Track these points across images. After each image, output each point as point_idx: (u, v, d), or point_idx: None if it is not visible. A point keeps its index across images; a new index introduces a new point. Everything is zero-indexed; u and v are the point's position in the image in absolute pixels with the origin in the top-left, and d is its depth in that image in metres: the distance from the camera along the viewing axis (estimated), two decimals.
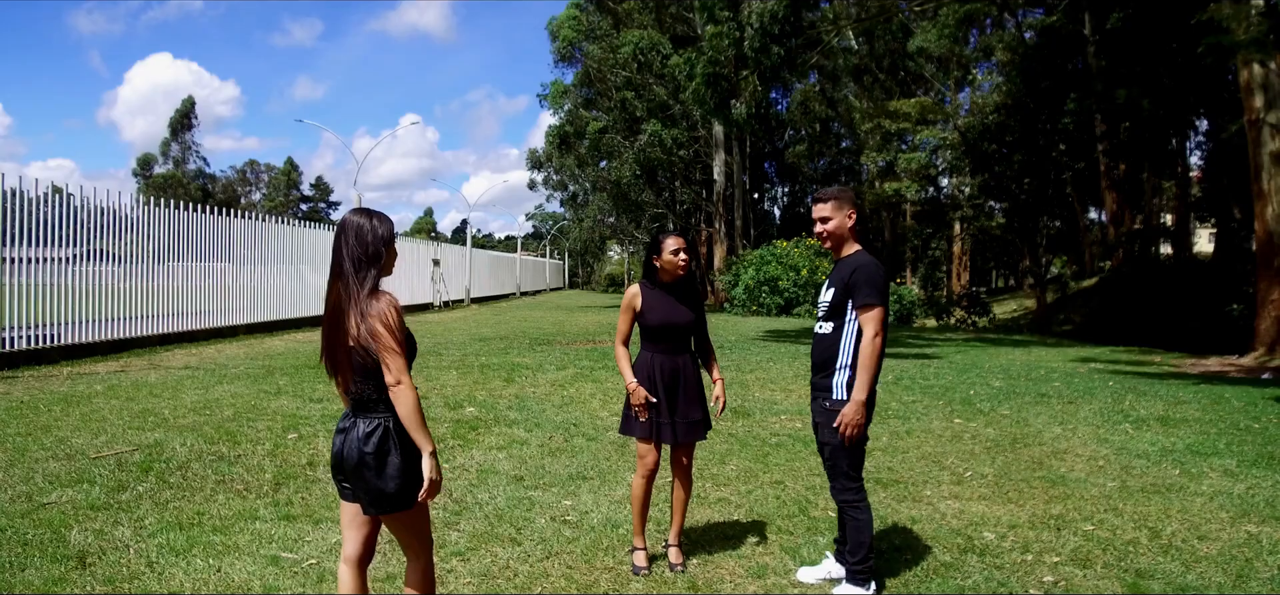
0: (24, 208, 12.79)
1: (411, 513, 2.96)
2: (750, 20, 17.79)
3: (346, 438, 2.91)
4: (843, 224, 3.95)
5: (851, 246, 3.98)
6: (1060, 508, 5.39)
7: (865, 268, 3.84)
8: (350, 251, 2.89)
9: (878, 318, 3.78)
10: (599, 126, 39.94)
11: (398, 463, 2.87)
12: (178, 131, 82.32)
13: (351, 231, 2.92)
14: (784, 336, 19.07)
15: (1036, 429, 7.98)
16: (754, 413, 8.88)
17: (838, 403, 3.83)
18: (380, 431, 2.87)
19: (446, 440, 7.42)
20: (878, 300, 3.78)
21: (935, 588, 4.06)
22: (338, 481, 3.03)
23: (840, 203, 3.97)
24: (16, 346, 12.57)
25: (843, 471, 3.90)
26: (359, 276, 2.87)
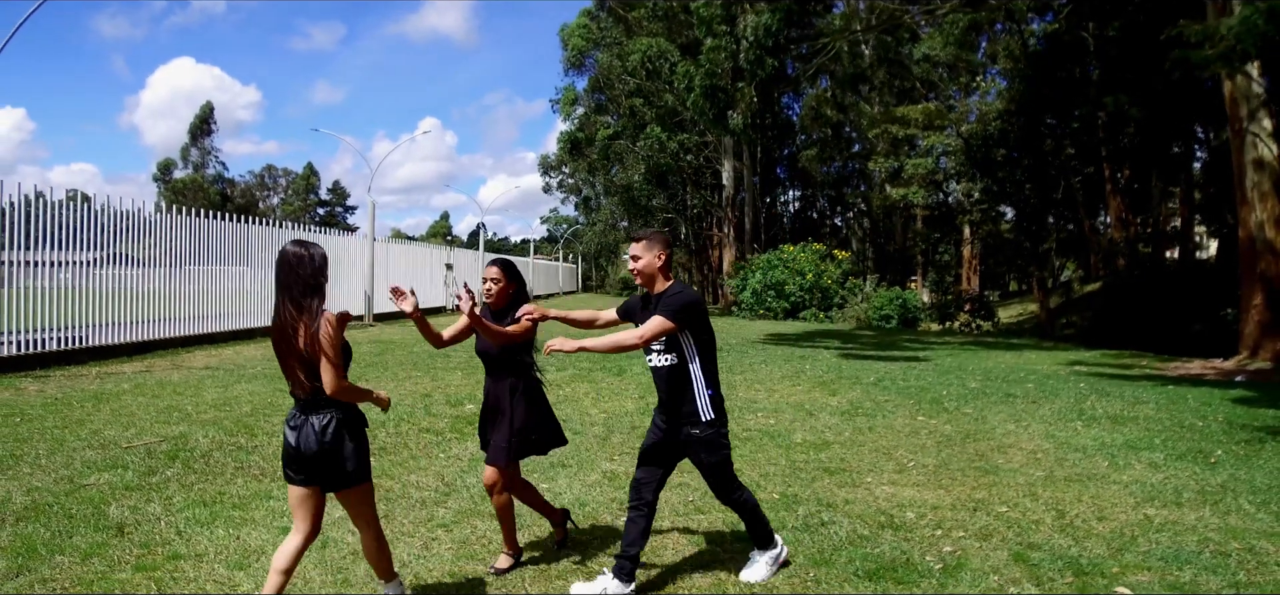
0: (47, 213, 13.63)
1: (364, 487, 3.65)
2: (745, 34, 18.44)
3: (301, 432, 3.50)
4: (652, 263, 4.23)
5: (663, 283, 4.24)
6: (984, 493, 6.02)
7: (676, 293, 4.16)
8: (294, 282, 3.47)
9: (656, 326, 4.04)
10: (609, 132, 40.70)
11: (351, 446, 3.55)
12: (197, 136, 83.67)
13: (293, 265, 3.49)
14: (785, 340, 19.68)
15: (991, 426, 8.59)
16: (733, 411, 9.48)
17: (708, 423, 4.18)
18: (333, 423, 3.51)
19: (444, 434, 8.13)
20: (669, 315, 4.05)
21: (844, 557, 4.71)
22: (289, 472, 3.59)
23: (651, 243, 4.26)
24: (48, 347, 13.40)
25: (726, 486, 4.33)
26: (306, 302, 3.46)
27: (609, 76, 38.99)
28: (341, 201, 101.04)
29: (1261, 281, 16.20)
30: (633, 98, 37.52)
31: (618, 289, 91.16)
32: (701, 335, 4.20)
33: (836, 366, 13.68)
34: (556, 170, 61.04)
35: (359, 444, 3.61)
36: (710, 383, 4.20)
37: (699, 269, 60.47)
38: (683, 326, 4.10)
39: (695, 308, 4.14)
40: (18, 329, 13.14)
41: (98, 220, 14.67)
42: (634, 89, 37.41)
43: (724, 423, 4.29)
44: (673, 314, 4.05)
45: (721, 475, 4.31)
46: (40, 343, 13.37)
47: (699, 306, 4.17)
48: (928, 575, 4.44)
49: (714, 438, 4.23)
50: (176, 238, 16.79)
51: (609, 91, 40.94)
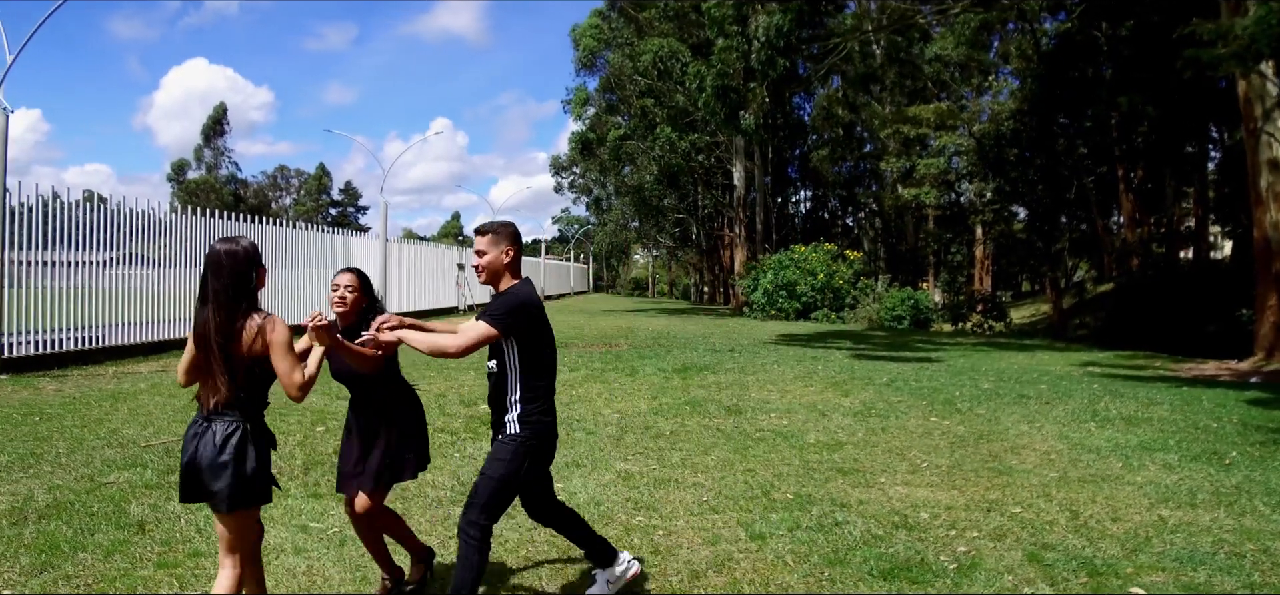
0: (62, 213, 13.76)
1: (253, 513, 3.31)
2: (757, 34, 18.47)
3: (201, 441, 3.19)
4: (499, 259, 3.83)
5: (508, 281, 3.85)
6: (998, 494, 6.03)
7: (507, 296, 3.76)
8: (229, 280, 3.23)
9: (477, 333, 3.62)
10: (620, 133, 40.77)
11: (254, 462, 3.23)
12: (211, 137, 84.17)
13: (227, 263, 3.25)
14: (796, 340, 19.69)
15: (1005, 427, 8.59)
16: (746, 411, 9.55)
17: (510, 438, 3.75)
18: (238, 432, 3.20)
19: (459, 434, 8.19)
20: (490, 319, 3.65)
21: (858, 556, 4.73)
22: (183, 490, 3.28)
23: (497, 237, 3.85)
24: (65, 347, 13.53)
25: (480, 503, 3.69)
26: (240, 302, 3.23)
27: (620, 77, 39.06)
28: (353, 202, 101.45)
29: (1277, 282, 16.11)
30: (644, 98, 37.58)
31: (629, 289, 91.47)
32: (528, 345, 3.75)
33: (849, 367, 13.69)
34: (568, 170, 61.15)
35: (261, 462, 3.28)
36: (528, 397, 3.76)
37: (710, 269, 60.53)
38: (507, 333, 3.67)
39: (522, 313, 3.71)
40: (35, 329, 13.27)
41: (112, 221, 14.78)
42: (645, 89, 37.46)
43: (533, 445, 3.78)
44: (495, 319, 3.65)
45: (491, 492, 3.70)
46: (57, 342, 13.50)
47: (528, 312, 3.74)
48: (942, 575, 4.46)
49: (510, 451, 3.73)
50: (190, 238, 16.89)
51: (620, 92, 41.01)
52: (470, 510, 3.69)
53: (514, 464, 3.73)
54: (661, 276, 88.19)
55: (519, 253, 3.93)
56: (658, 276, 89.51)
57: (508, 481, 3.73)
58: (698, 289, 71.01)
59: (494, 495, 3.71)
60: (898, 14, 27.96)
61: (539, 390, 3.82)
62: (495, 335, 3.64)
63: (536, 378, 3.81)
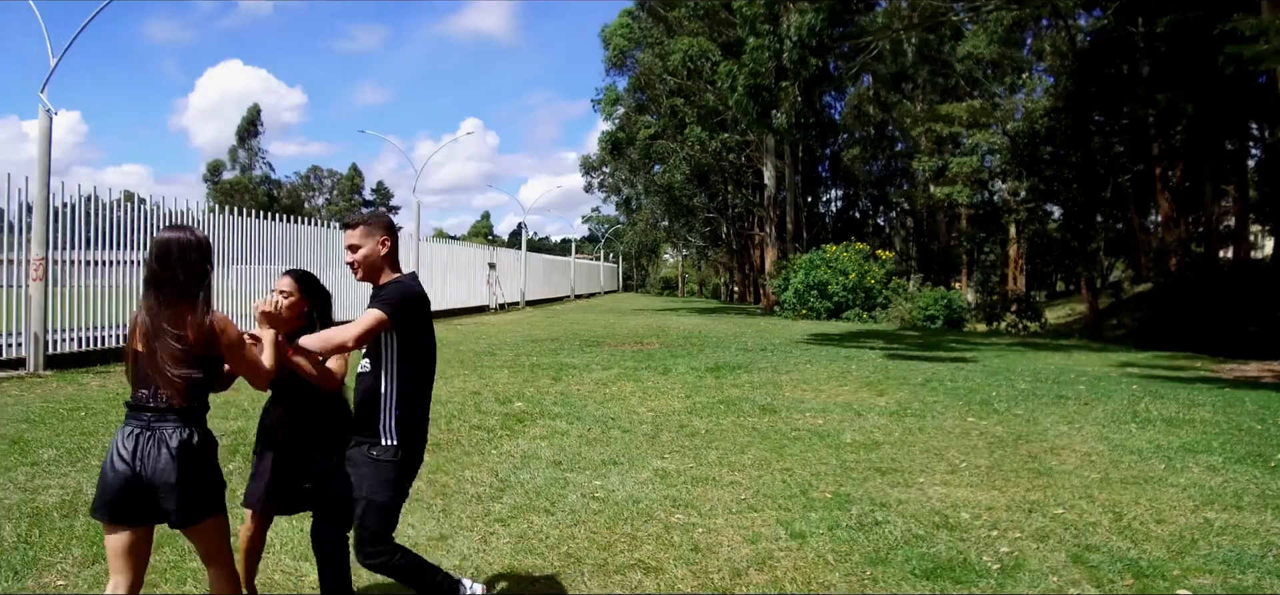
0: (101, 213, 14.01)
1: (220, 518, 3.09)
2: (789, 33, 18.41)
3: (142, 452, 2.91)
4: (375, 251, 3.52)
5: (388, 274, 3.56)
6: (1038, 495, 5.98)
7: (391, 285, 3.49)
8: (180, 272, 2.98)
9: (371, 320, 3.30)
10: (650, 132, 40.80)
11: (213, 467, 3.04)
12: (245, 138, 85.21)
13: (179, 251, 3.00)
14: (828, 340, 19.61)
15: (1043, 428, 8.51)
16: (781, 410, 9.53)
17: (386, 450, 3.41)
18: (195, 438, 2.97)
19: (495, 431, 8.24)
20: (382, 306, 3.34)
21: (900, 556, 4.71)
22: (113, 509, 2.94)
23: (370, 229, 3.55)
24: (107, 344, 13.77)
25: (369, 534, 3.42)
26: (199, 292, 3.00)
27: (650, 76, 39.10)
28: (385, 201, 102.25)
29: None
30: (674, 97, 37.59)
31: (658, 288, 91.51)
32: (410, 345, 3.46)
33: (883, 367, 13.62)
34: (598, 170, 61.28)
35: (216, 466, 3.12)
36: (403, 403, 3.43)
37: (740, 268, 60.37)
38: (397, 321, 3.37)
39: (414, 304, 3.46)
40: (78, 326, 13.53)
41: (149, 220, 15.01)
42: (675, 88, 37.47)
43: (408, 461, 3.49)
44: (386, 304, 3.33)
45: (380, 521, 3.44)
46: (99, 339, 13.74)
47: (418, 304, 3.49)
48: (985, 575, 4.44)
49: (390, 470, 3.42)
50: (225, 237, 17.07)
51: (650, 91, 41.04)
52: (367, 547, 3.42)
53: (395, 484, 3.45)
54: (691, 276, 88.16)
55: (396, 244, 3.64)
56: (687, 276, 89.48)
57: (393, 503, 3.47)
58: (728, 288, 70.89)
59: (382, 522, 3.44)
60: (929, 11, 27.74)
61: (415, 396, 3.50)
62: (387, 321, 3.32)
63: (414, 382, 3.50)
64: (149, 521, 2.98)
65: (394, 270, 3.58)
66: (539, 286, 44.59)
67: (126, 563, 3.01)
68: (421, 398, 3.55)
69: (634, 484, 6.22)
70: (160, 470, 2.87)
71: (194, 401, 3.01)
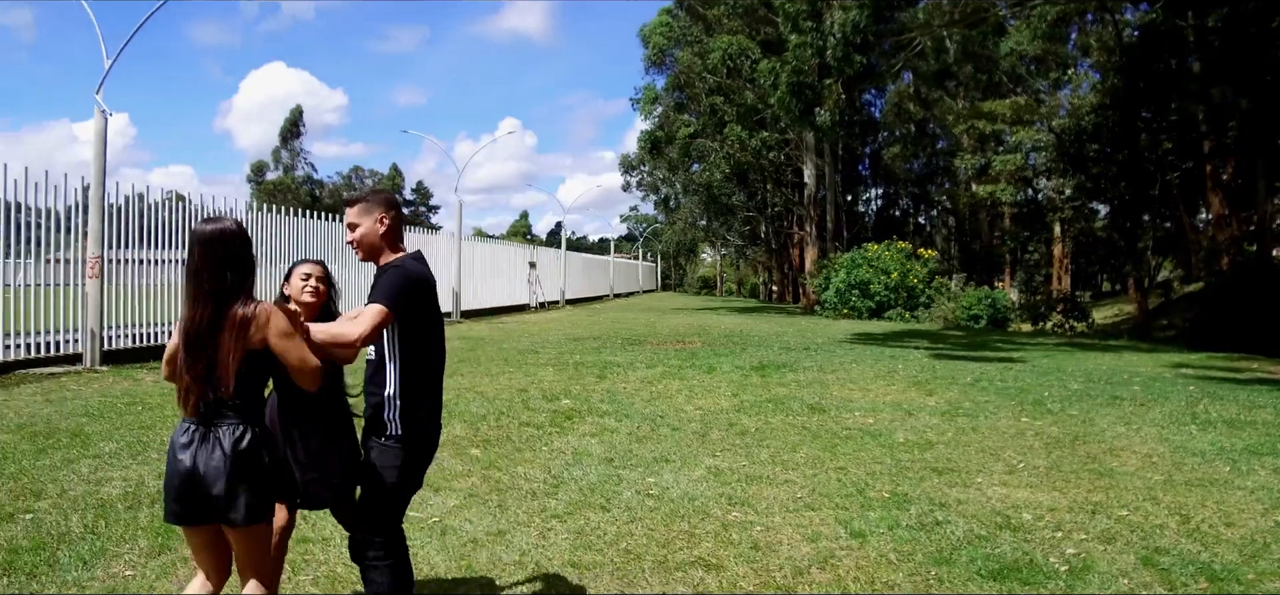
0: (149, 213, 14.28)
1: (265, 526, 2.97)
2: (833, 30, 18.26)
3: (199, 452, 2.83)
4: (373, 230, 3.34)
5: (388, 254, 3.37)
6: (1100, 496, 5.86)
7: (394, 269, 3.27)
8: (226, 265, 2.86)
9: (374, 316, 3.07)
10: (689, 131, 40.73)
11: (271, 467, 2.92)
12: (288, 139, 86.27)
13: (220, 244, 2.87)
14: (872, 339, 19.44)
15: (1100, 428, 8.35)
16: (830, 409, 9.45)
17: (390, 439, 3.25)
18: (250, 437, 2.86)
19: (544, 428, 8.26)
20: (383, 299, 3.14)
21: (965, 556, 4.64)
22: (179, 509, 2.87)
23: (368, 206, 3.36)
24: (159, 340, 14.01)
25: (366, 522, 3.31)
26: (246, 286, 2.90)
27: (690, 75, 39.02)
28: (425, 201, 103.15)
29: None
30: (713, 96, 37.47)
31: (696, 288, 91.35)
32: (410, 329, 3.26)
33: (929, 367, 13.46)
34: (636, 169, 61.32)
35: (275, 467, 2.97)
36: (408, 392, 3.25)
37: (778, 267, 60.08)
38: (401, 312, 3.19)
39: (414, 290, 3.24)
40: (131, 322, 13.80)
41: (196, 220, 15.23)
42: (714, 86, 37.35)
43: (413, 452, 3.30)
44: (386, 297, 3.14)
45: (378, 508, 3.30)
46: (151, 335, 14.00)
47: (418, 290, 3.27)
48: (1053, 577, 4.35)
49: (393, 456, 3.26)
50: (268, 236, 17.27)
51: (689, 90, 40.97)
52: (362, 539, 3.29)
53: (400, 470, 3.27)
54: (729, 275, 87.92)
55: (397, 221, 3.41)
56: (725, 275, 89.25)
57: (397, 489, 3.30)
58: (766, 288, 70.58)
59: (386, 509, 3.30)
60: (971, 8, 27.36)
61: (421, 384, 3.30)
62: (389, 316, 3.11)
63: (419, 370, 3.29)
64: (209, 521, 2.89)
65: (394, 250, 3.39)
66: (579, 285, 44.70)
67: (206, 559, 2.99)
68: (428, 385, 3.34)
69: (688, 481, 6.19)
70: (212, 470, 2.80)
71: (247, 399, 2.90)
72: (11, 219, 12.24)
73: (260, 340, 2.86)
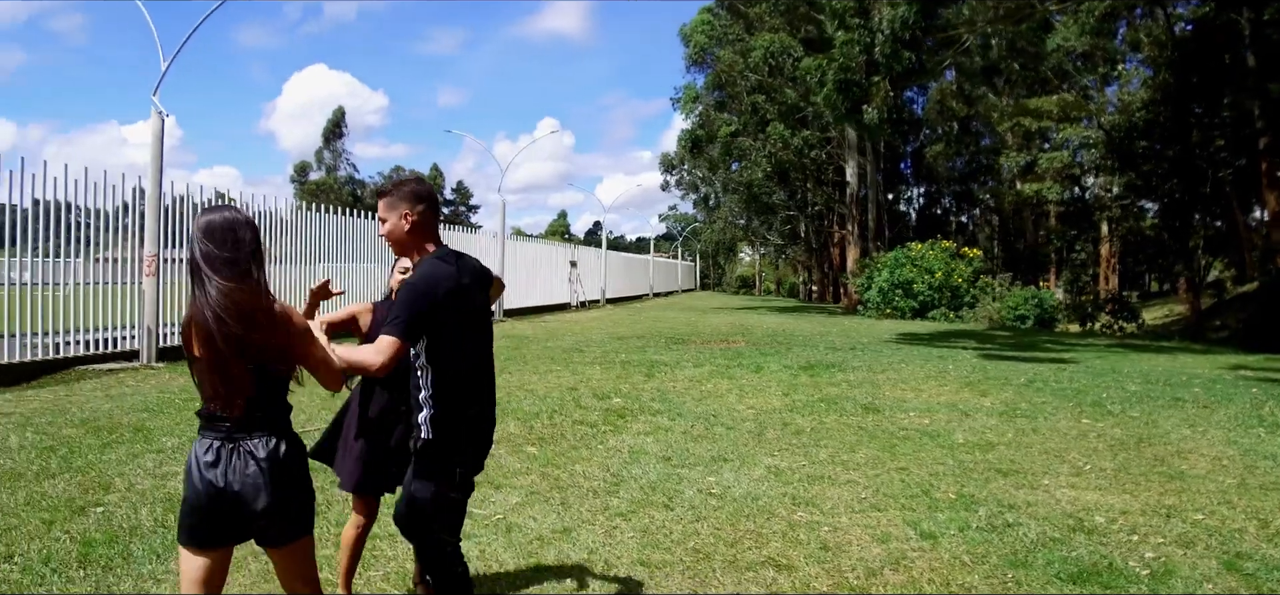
0: (193, 213, 14.49)
1: (309, 539, 2.76)
2: (881, 26, 18.07)
3: (229, 466, 2.57)
4: (399, 227, 3.16)
5: (417, 253, 3.20)
6: (1174, 499, 5.73)
7: (405, 287, 3.07)
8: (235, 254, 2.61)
9: (390, 349, 2.90)
10: (730, 130, 40.60)
11: (305, 479, 2.72)
12: (330, 139, 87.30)
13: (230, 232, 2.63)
14: (918, 339, 19.23)
15: (1164, 430, 8.17)
16: (884, 410, 9.35)
17: (423, 445, 3.09)
18: (287, 446, 2.65)
19: (598, 426, 8.25)
20: (396, 330, 2.93)
21: (1041, 559, 4.55)
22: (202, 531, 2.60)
23: (394, 200, 3.16)
24: None
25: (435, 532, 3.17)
26: (255, 278, 2.63)
27: (731, 73, 38.87)
28: (465, 201, 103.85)
29: None
30: (754, 95, 37.30)
31: (734, 287, 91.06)
32: (436, 339, 3.06)
33: (980, 367, 13.27)
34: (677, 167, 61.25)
35: (308, 474, 2.76)
36: (440, 399, 3.07)
37: (819, 267, 59.70)
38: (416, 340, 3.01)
39: (429, 309, 2.99)
40: (180, 321, 14.01)
41: None
42: (755, 85, 37.19)
43: (452, 459, 3.11)
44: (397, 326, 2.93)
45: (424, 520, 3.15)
46: None
47: (433, 306, 3.00)
48: (1135, 581, 4.25)
49: (429, 466, 3.10)
50: (311, 235, 17.41)
51: (730, 89, 40.83)
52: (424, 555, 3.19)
53: (445, 486, 3.10)
54: (767, 274, 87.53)
55: (429, 212, 3.19)
56: (763, 274, 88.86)
57: (432, 502, 3.10)
58: (806, 287, 70.18)
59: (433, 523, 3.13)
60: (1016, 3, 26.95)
61: (454, 390, 3.09)
62: (402, 347, 2.92)
63: (448, 376, 3.08)
64: (233, 542, 2.66)
65: (425, 247, 3.17)
66: (619, 284, 44.75)
67: (206, 590, 2.65)
68: (463, 390, 3.12)
69: (749, 481, 6.15)
70: (249, 485, 2.54)
71: (278, 404, 2.68)
72: (65, 219, 12.48)
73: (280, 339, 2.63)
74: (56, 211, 12.19)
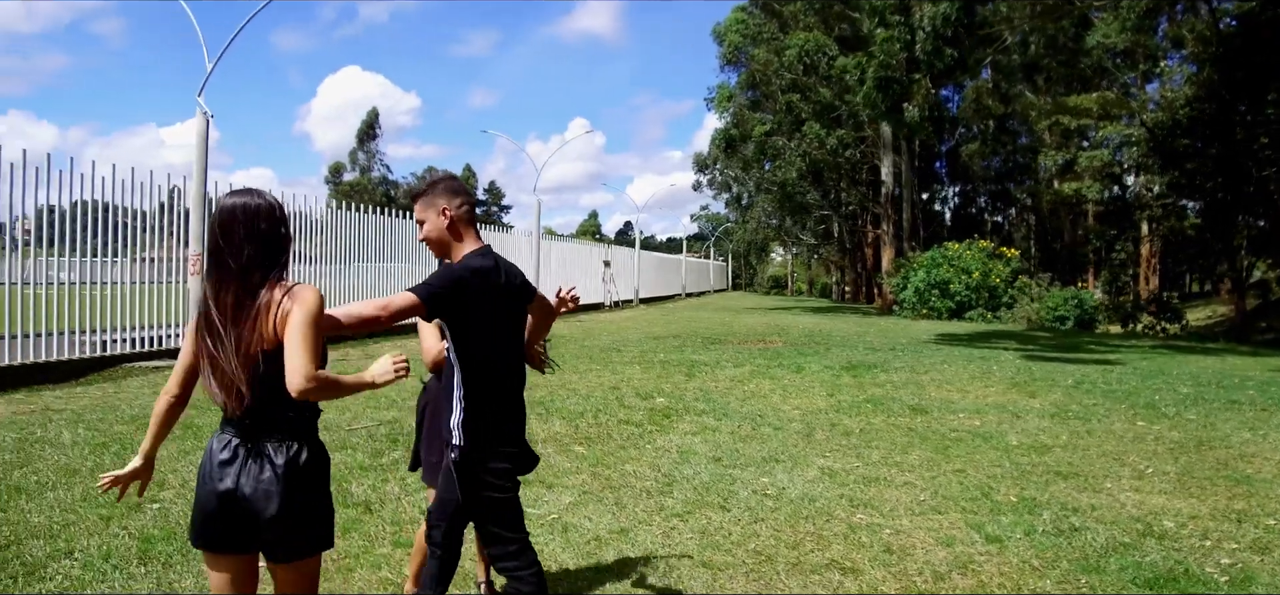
0: None
1: (316, 561, 2.55)
2: (922, 24, 17.87)
3: (244, 470, 2.39)
4: (438, 225, 3.05)
5: (461, 249, 3.07)
6: (1243, 504, 5.58)
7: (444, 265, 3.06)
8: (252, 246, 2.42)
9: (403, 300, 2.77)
10: (764, 129, 40.40)
11: (324, 491, 2.52)
12: (364, 141, 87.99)
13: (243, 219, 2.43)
14: (957, 340, 19.00)
15: (1224, 433, 7.98)
16: (931, 411, 9.22)
17: (453, 451, 3.00)
18: (304, 455, 2.43)
19: (644, 426, 8.19)
20: (421, 290, 2.82)
21: (1114, 564, 4.43)
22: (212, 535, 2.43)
23: (430, 199, 3.06)
24: None
25: (496, 534, 3.04)
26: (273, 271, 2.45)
27: (766, 73, 38.67)
28: (497, 201, 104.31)
29: None
30: (789, 94, 37.07)
31: (766, 287, 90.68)
32: (462, 333, 2.96)
33: (1025, 368, 13.07)
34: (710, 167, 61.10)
35: (327, 488, 2.54)
36: (469, 402, 2.96)
37: (852, 267, 59.29)
38: (433, 309, 2.86)
39: (458, 289, 2.89)
40: None
41: None
42: (789, 84, 36.96)
43: (484, 458, 2.97)
44: (422, 286, 2.83)
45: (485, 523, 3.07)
46: None
47: (463, 289, 2.90)
48: (1213, 588, 4.13)
49: (468, 472, 2.98)
50: (346, 234, 17.43)
51: (765, 88, 40.62)
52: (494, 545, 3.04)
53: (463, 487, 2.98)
54: (800, 274, 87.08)
55: (464, 208, 3.08)
56: (795, 274, 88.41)
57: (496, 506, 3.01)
58: (838, 287, 69.72)
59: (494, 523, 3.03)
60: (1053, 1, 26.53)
61: (483, 394, 2.97)
62: (418, 305, 2.78)
63: (478, 378, 2.97)
64: (241, 551, 2.45)
65: (462, 240, 3.06)
66: (651, 284, 44.68)
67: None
68: (492, 394, 2.99)
69: (803, 482, 6.07)
70: (262, 492, 2.35)
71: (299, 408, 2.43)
72: (108, 219, 12.61)
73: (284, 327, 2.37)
74: (101, 212, 12.34)
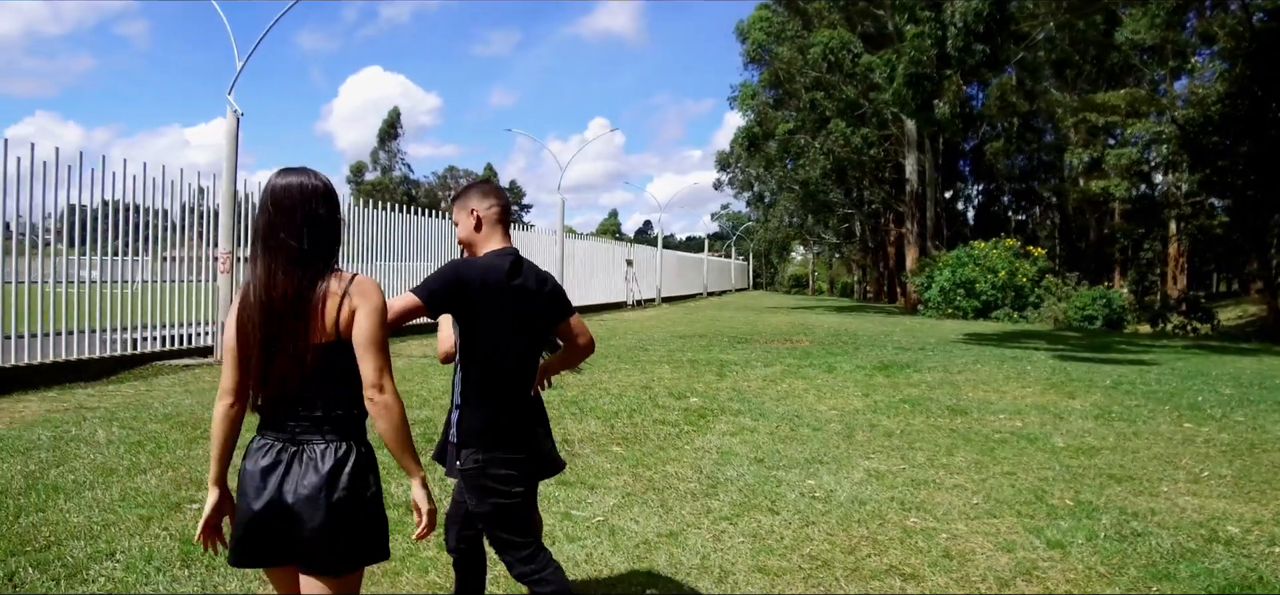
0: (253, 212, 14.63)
1: (359, 576, 2.37)
2: (954, 20, 17.67)
3: (288, 473, 2.23)
4: (467, 226, 3.03)
5: (483, 248, 3.03)
6: None
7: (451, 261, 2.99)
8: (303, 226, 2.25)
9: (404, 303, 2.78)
10: (788, 127, 40.20)
11: (376, 497, 2.34)
12: (385, 140, 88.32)
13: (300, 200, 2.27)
14: (985, 340, 18.78)
15: (1276, 436, 7.79)
16: (970, 411, 9.07)
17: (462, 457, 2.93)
18: (353, 458, 2.27)
19: (680, 426, 8.09)
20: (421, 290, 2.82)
21: (1184, 571, 4.29)
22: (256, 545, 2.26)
23: (462, 202, 3.05)
24: None
25: (505, 540, 2.97)
26: (327, 255, 2.30)
27: (790, 70, 38.47)
28: (518, 200, 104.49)
29: None
30: (813, 92, 36.87)
31: (787, 286, 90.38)
32: (468, 333, 2.90)
33: (1060, 368, 12.87)
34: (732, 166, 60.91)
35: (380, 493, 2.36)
36: (470, 406, 2.90)
37: (875, 266, 58.95)
38: (433, 307, 2.82)
39: (460, 286, 2.84)
40: None
41: None
42: (813, 82, 36.75)
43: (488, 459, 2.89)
44: (420, 285, 2.82)
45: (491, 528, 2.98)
46: None
47: (465, 287, 2.84)
48: None
49: (473, 475, 2.90)
50: (368, 232, 17.44)
51: (788, 86, 40.42)
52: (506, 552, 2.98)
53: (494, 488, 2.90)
54: (821, 273, 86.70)
55: (496, 209, 3.03)
56: (817, 273, 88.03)
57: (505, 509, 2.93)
58: (860, 287, 69.35)
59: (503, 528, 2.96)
60: None
61: (486, 398, 2.89)
62: (417, 305, 2.76)
63: (481, 382, 2.89)
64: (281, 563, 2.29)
65: (491, 242, 3.01)
66: (673, 283, 44.56)
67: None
68: (493, 395, 2.90)
69: (851, 484, 5.95)
70: (306, 497, 2.19)
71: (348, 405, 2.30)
72: (138, 218, 12.63)
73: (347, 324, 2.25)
74: (130, 211, 12.37)
